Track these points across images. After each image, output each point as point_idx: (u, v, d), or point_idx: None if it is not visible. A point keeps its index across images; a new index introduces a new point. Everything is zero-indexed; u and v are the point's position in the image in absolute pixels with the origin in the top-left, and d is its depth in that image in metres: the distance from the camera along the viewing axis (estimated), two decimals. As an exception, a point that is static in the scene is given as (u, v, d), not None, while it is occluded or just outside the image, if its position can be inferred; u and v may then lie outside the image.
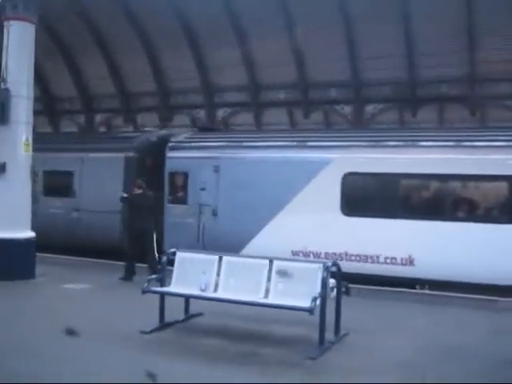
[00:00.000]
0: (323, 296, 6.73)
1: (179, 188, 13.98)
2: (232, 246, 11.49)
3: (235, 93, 28.12)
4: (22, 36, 10.96)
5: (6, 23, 10.93)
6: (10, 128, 10.91)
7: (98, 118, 32.54)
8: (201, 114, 29.54)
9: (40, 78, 28.35)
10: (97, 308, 8.73)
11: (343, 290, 7.40)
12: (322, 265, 6.97)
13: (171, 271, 7.76)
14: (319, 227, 11.88)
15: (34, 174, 12.17)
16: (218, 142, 14.36)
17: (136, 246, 11.64)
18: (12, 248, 10.71)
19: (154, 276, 7.77)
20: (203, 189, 13.42)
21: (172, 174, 13.99)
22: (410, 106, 25.33)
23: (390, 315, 8.85)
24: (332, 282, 7.06)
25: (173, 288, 7.61)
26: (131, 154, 14.80)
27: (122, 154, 14.84)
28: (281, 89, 27.39)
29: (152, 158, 14.78)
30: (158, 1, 24.47)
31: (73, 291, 10.12)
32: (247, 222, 12.72)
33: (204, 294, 7.35)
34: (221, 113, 29.16)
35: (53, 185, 15.56)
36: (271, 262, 7.31)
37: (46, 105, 32.12)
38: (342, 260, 11.04)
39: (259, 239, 12.54)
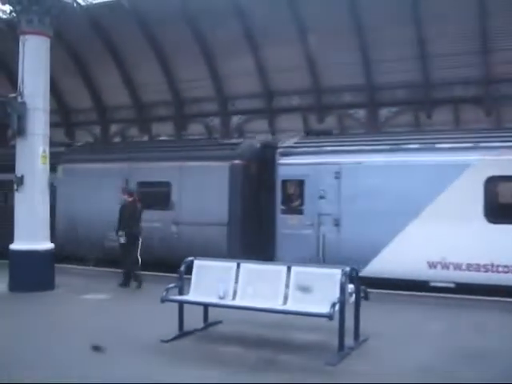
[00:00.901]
0: (342, 301, 6.70)
1: (294, 197, 13.18)
2: (357, 259, 10.73)
3: (249, 100, 28.17)
4: (37, 50, 11.09)
5: (21, 37, 11.07)
6: (27, 140, 11.02)
7: (113, 128, 32.77)
8: (215, 121, 29.63)
9: (55, 91, 28.64)
10: (116, 318, 8.76)
11: (362, 295, 7.37)
12: (340, 270, 6.93)
13: (189, 279, 7.78)
14: (459, 236, 11.09)
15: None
16: (336, 147, 13.25)
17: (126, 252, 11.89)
18: (31, 259, 10.80)
19: (172, 285, 7.78)
20: (322, 197, 12.57)
21: (285, 182, 13.18)
22: (425, 108, 25.20)
23: (409, 319, 8.79)
24: (350, 287, 7.03)
25: (191, 296, 7.63)
26: (237, 162, 13.85)
27: (226, 163, 13.88)
28: (294, 94, 27.38)
29: (257, 166, 14.12)
30: (170, 12, 24.61)
31: (92, 301, 10.18)
32: (375, 233, 11.71)
33: (222, 302, 7.35)
34: (235, 120, 29.24)
35: (147, 196, 13.94)
36: (289, 268, 7.29)
37: (62, 116, 32.42)
38: (487, 272, 10.57)
39: (389, 251, 11.60)
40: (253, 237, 13.47)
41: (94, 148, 18.64)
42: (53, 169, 12.85)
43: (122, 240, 11.82)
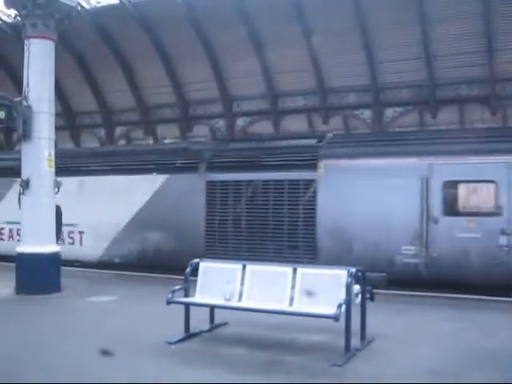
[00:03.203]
0: (348, 302, 6.69)
1: None
2: None
3: (254, 101, 28.20)
4: (42, 53, 11.12)
5: (26, 41, 11.10)
6: (33, 144, 11.06)
7: (118, 130, 32.86)
8: (220, 123, 29.68)
9: (61, 94, 28.74)
10: (123, 320, 8.78)
11: (368, 295, 7.35)
12: (346, 271, 6.93)
13: (195, 281, 7.79)
14: None
15: None
16: None
17: None
18: (37, 262, 10.83)
19: (178, 287, 7.78)
20: None
21: None
22: (430, 108, 25.17)
23: (415, 320, 8.76)
24: (356, 287, 7.02)
25: (197, 298, 7.63)
26: None
27: None
28: (299, 95, 27.41)
29: None
30: (175, 14, 24.67)
31: (98, 304, 10.20)
32: None
33: (228, 304, 7.35)
34: (240, 122, 29.26)
35: (459, 200, 11.71)
36: (295, 270, 7.29)
37: (67, 120, 32.51)
38: None
39: None
40: None
41: (362, 139, 14.73)
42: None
43: None
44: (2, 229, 16.11)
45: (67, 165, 14.59)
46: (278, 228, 12.67)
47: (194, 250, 12.18)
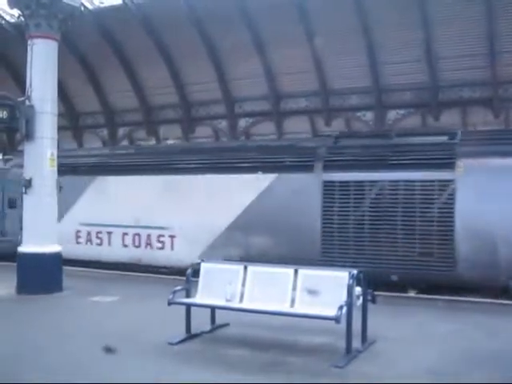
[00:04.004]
0: (349, 304, 6.69)
1: None
2: None
3: (256, 102, 28.21)
4: (45, 53, 11.14)
5: (29, 41, 11.12)
6: (36, 144, 11.07)
7: (121, 131, 32.89)
8: (222, 124, 29.70)
9: (63, 94, 28.78)
10: (124, 320, 8.79)
11: (369, 297, 7.35)
12: (347, 273, 6.93)
13: (197, 282, 7.80)
14: None
15: None
16: None
17: None
18: (39, 262, 10.85)
19: (179, 287, 7.79)
20: None
21: None
22: (433, 110, 25.16)
23: (417, 322, 8.76)
24: (358, 289, 7.02)
25: (198, 299, 7.63)
26: None
27: None
28: (301, 97, 27.42)
29: None
30: (178, 15, 24.70)
31: (100, 304, 10.21)
32: None
33: (230, 305, 7.35)
34: (242, 123, 29.28)
35: None
36: (296, 271, 7.29)
37: (70, 120, 32.56)
38: None
39: None
40: None
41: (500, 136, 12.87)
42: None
43: None
44: (79, 231, 14.85)
45: (156, 162, 14.15)
46: (408, 234, 11.39)
47: (307, 256, 11.36)
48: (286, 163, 12.87)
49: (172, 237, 13.56)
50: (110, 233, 14.32)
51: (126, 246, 14.10)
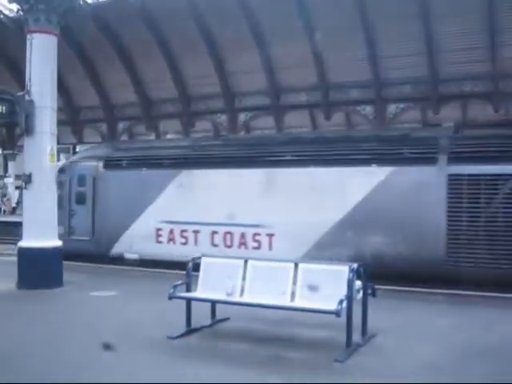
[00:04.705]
0: (349, 298, 6.70)
1: None
2: None
3: (256, 97, 28.19)
4: (44, 48, 11.10)
5: (28, 36, 11.09)
6: (35, 139, 11.05)
7: (121, 125, 32.87)
8: (222, 118, 29.69)
9: (63, 89, 28.73)
10: (124, 315, 8.79)
11: (369, 291, 7.36)
12: (347, 267, 6.93)
13: (197, 276, 7.80)
14: None
15: None
16: None
17: None
18: (39, 257, 10.85)
19: (179, 282, 7.79)
20: None
21: None
22: (433, 104, 25.14)
23: (417, 316, 8.77)
24: (358, 283, 7.03)
25: (199, 293, 7.64)
26: None
27: None
28: (301, 91, 27.39)
29: None
30: (177, 9, 24.64)
31: (100, 299, 10.22)
32: None
33: (230, 299, 7.35)
34: (242, 117, 29.26)
35: None
36: (296, 265, 7.29)
37: (69, 114, 32.53)
38: None
39: None
40: None
41: None
42: None
43: None
44: (160, 230, 13.67)
45: (252, 155, 13.03)
46: None
47: (430, 257, 10.79)
48: (404, 155, 11.80)
49: (270, 235, 12.43)
50: (196, 231, 13.16)
51: (215, 245, 12.89)
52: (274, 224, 12.33)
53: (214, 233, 12.94)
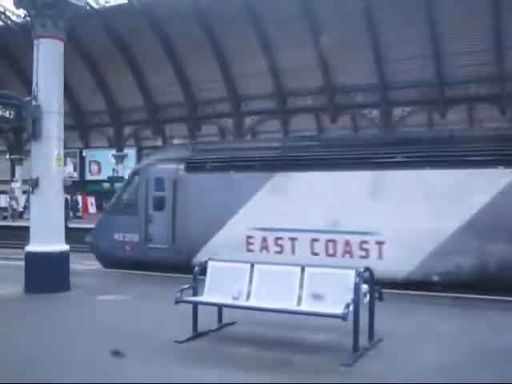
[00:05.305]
0: (356, 302, 6.68)
1: None
2: None
3: (262, 100, 28.22)
4: (51, 53, 11.16)
5: (35, 41, 11.15)
6: (42, 143, 11.10)
7: (127, 130, 32.97)
8: (228, 122, 29.73)
9: (70, 94, 28.85)
10: (131, 319, 8.80)
11: (376, 295, 7.34)
12: (354, 270, 6.92)
13: (203, 280, 7.80)
14: None
15: None
16: None
17: None
18: (47, 261, 10.88)
19: (186, 286, 7.80)
20: None
21: None
22: (439, 107, 25.10)
23: (424, 319, 8.73)
24: (364, 287, 7.01)
25: (205, 297, 7.63)
26: None
27: None
28: (307, 95, 27.41)
29: None
30: (183, 14, 24.72)
31: (107, 303, 10.23)
32: None
33: (236, 303, 7.35)
34: (248, 121, 29.29)
35: None
36: (303, 269, 7.28)
37: (76, 119, 32.66)
38: None
39: None
40: None
41: None
42: None
43: None
44: (251, 237, 12.57)
45: (355, 156, 12.03)
46: None
47: None
48: None
49: (380, 243, 11.43)
50: (293, 239, 12.14)
51: (315, 254, 11.89)
52: (384, 231, 11.39)
53: (314, 240, 11.95)
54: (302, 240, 12.02)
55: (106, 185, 37.89)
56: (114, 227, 14.18)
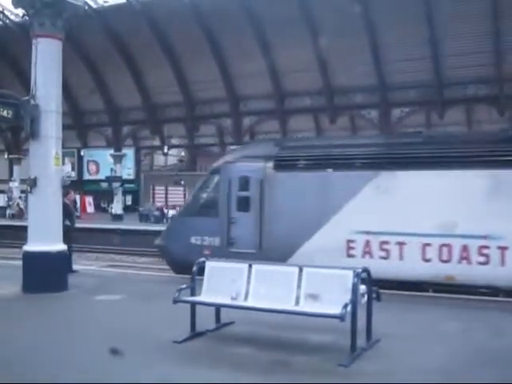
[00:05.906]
0: (354, 302, 6.68)
1: None
2: None
3: (261, 101, 28.23)
4: (49, 52, 11.14)
5: (34, 40, 11.13)
6: (41, 143, 11.08)
7: (125, 129, 32.96)
8: (227, 122, 29.73)
9: (68, 93, 28.83)
10: (129, 319, 8.79)
11: (374, 295, 7.34)
12: (352, 271, 6.92)
13: (201, 280, 7.80)
14: None
15: None
16: None
17: None
18: (44, 261, 10.86)
19: (184, 286, 7.79)
20: None
21: None
22: (437, 108, 25.14)
23: (421, 320, 8.73)
24: (362, 288, 7.01)
25: (203, 297, 7.63)
26: None
27: None
28: (306, 95, 27.42)
29: None
30: (182, 14, 24.72)
31: (105, 303, 10.22)
32: None
33: (235, 303, 7.35)
34: (247, 121, 29.30)
35: None
36: (301, 269, 7.28)
37: (74, 119, 32.63)
38: None
39: None
40: None
41: None
42: None
43: None
44: (352, 241, 11.60)
45: (472, 154, 11.02)
46: None
47: None
48: None
49: (503, 248, 10.52)
50: (401, 243, 11.22)
51: (427, 260, 11.06)
52: (508, 235, 10.47)
53: (426, 245, 11.08)
54: (412, 245, 11.16)
55: (104, 184, 37.90)
56: (191, 230, 13.18)
